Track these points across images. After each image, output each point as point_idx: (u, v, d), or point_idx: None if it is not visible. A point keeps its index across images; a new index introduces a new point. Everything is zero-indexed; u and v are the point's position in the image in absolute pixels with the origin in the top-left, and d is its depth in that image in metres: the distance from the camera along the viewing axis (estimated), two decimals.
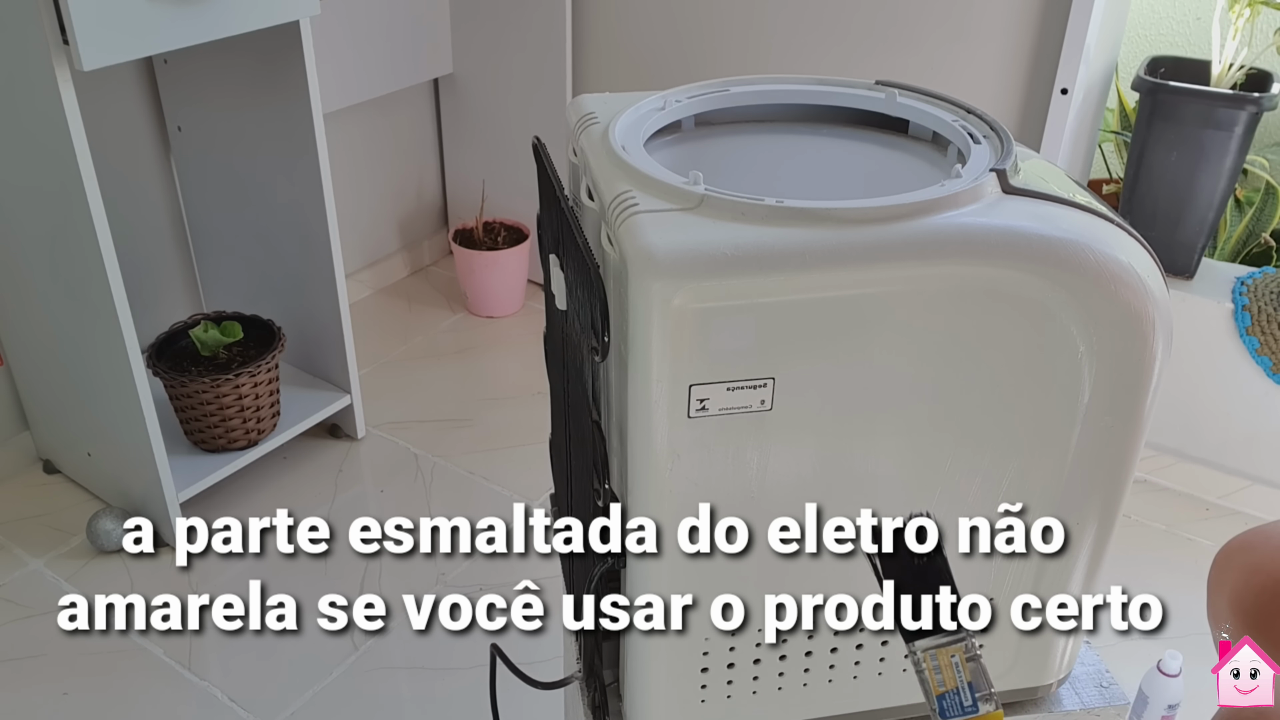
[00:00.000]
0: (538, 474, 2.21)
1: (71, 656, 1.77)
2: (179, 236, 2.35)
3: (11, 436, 2.17)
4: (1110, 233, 0.68)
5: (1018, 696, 0.87)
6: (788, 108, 0.91)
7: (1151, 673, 1.58)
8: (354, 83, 2.58)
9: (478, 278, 2.78)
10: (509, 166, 2.83)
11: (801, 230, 0.65)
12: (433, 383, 2.56)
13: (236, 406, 2.01)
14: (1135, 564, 1.87)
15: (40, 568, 1.95)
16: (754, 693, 0.81)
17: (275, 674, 1.75)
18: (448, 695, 1.72)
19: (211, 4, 1.64)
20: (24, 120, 1.66)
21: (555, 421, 1.03)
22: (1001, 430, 0.71)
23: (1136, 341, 0.68)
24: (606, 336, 0.68)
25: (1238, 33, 2.05)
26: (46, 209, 1.74)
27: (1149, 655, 1.61)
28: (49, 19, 1.49)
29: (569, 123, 0.87)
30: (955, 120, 0.82)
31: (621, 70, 2.61)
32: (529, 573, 1.97)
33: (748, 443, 0.68)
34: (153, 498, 1.94)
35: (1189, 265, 2.14)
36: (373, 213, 2.88)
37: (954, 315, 0.66)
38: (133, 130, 2.19)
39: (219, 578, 1.94)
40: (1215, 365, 2.11)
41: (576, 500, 0.91)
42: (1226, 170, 2.03)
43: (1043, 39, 2.06)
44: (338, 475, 2.22)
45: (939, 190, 0.68)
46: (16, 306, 1.97)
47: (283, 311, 2.22)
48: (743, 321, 0.64)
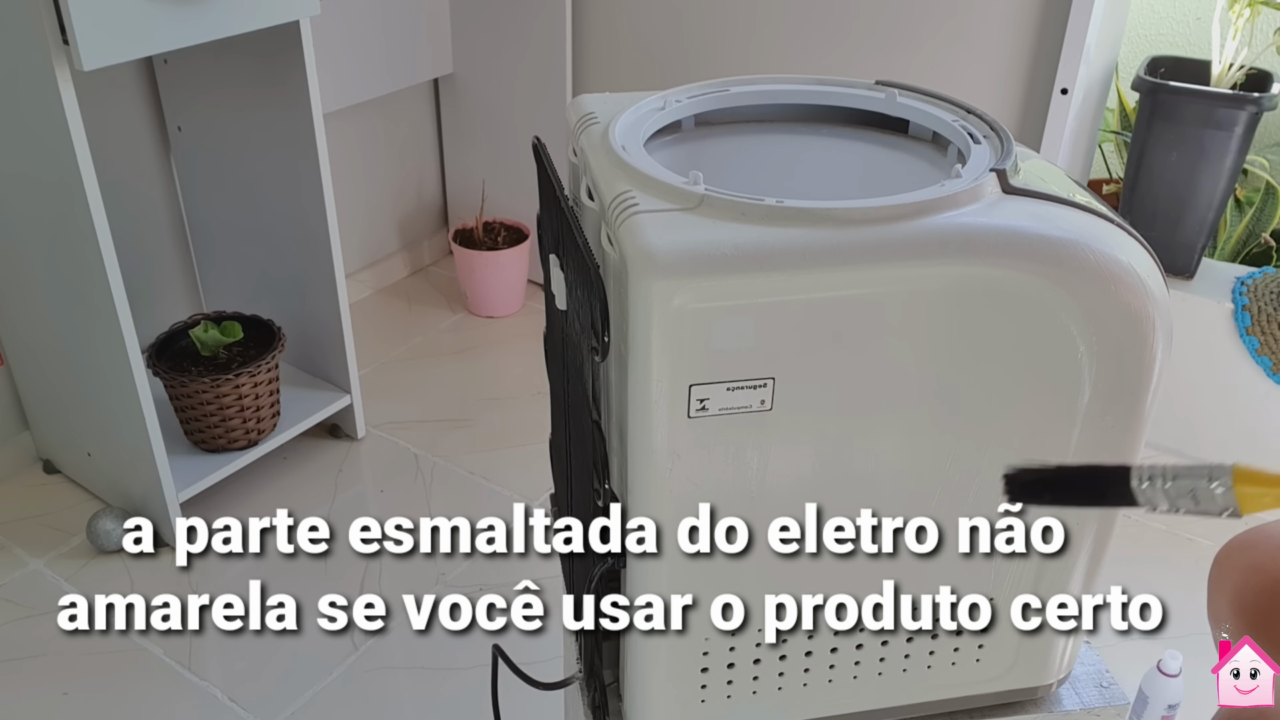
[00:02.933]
0: (538, 474, 2.21)
1: (71, 656, 1.77)
2: (179, 236, 2.35)
3: (11, 436, 2.17)
4: (1110, 233, 0.68)
5: (1018, 696, 0.87)
6: (788, 108, 0.91)
7: (1151, 673, 1.58)
8: (354, 83, 2.58)
9: (478, 278, 2.78)
10: (509, 166, 2.83)
11: (801, 230, 0.65)
12: (433, 383, 2.56)
13: (236, 406, 2.01)
14: (1135, 564, 1.87)
15: (40, 568, 1.95)
16: (754, 693, 0.81)
17: (275, 674, 1.75)
18: (448, 695, 1.72)
19: (211, 4, 1.64)
20: (24, 120, 1.66)
21: (555, 421, 1.03)
22: (1002, 430, 0.71)
23: (1136, 341, 0.68)
24: (606, 336, 0.68)
25: (1238, 33, 2.05)
26: (47, 209, 1.74)
27: (1149, 655, 1.61)
28: (49, 19, 1.49)
29: (569, 123, 0.87)
30: (955, 120, 0.82)
31: (621, 70, 2.61)
32: (529, 573, 1.97)
33: (748, 443, 0.68)
34: (153, 498, 1.94)
35: (1189, 265, 2.14)
36: (373, 213, 2.88)
37: (954, 315, 0.66)
38: (133, 130, 2.19)
39: (219, 578, 1.94)
40: (1215, 365, 2.11)
41: (576, 500, 0.91)
42: (1226, 170, 2.03)
43: (1043, 39, 2.06)
44: (338, 475, 2.22)
45: (939, 190, 0.68)
46: (17, 306, 1.97)
47: (283, 311, 2.22)
48: (743, 321, 0.64)
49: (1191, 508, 0.43)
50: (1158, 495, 0.44)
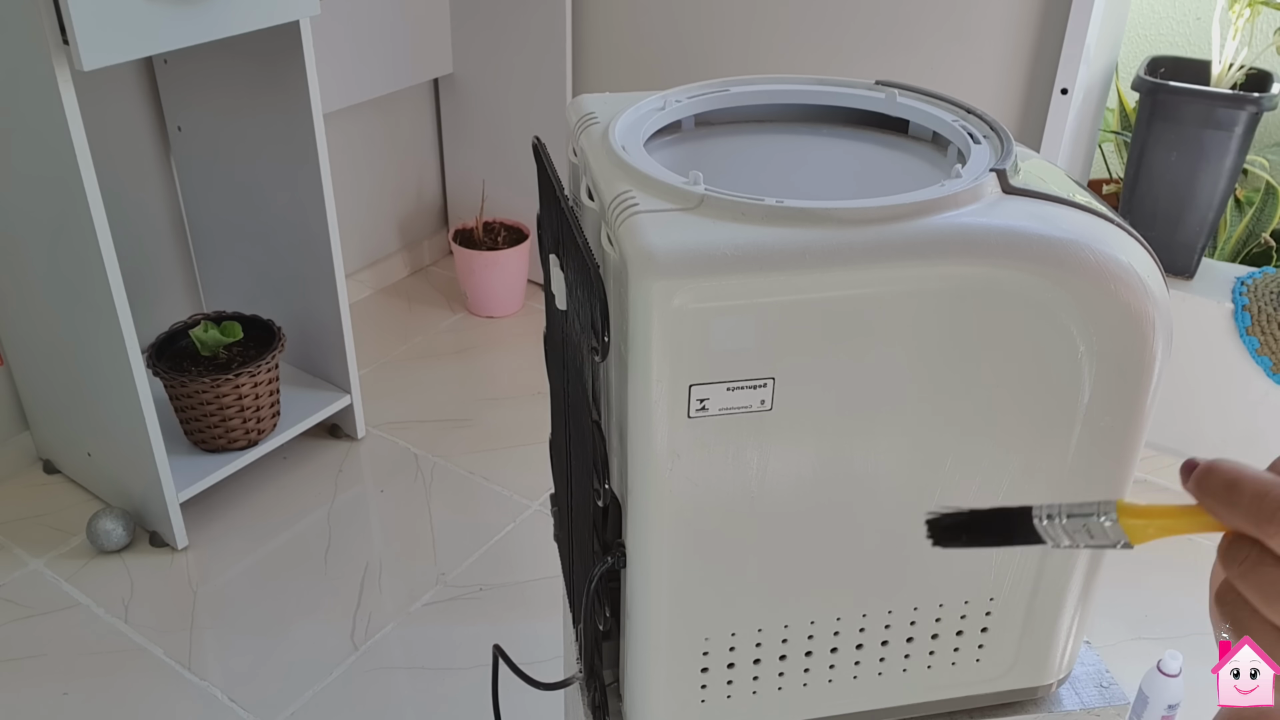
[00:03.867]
0: (538, 474, 2.21)
1: (71, 656, 1.77)
2: (179, 236, 2.35)
3: (11, 436, 2.17)
4: (1110, 233, 0.68)
5: (1018, 696, 0.87)
6: (788, 108, 0.91)
7: (1151, 673, 1.58)
8: (354, 83, 2.58)
9: (478, 278, 2.78)
10: (509, 166, 2.83)
11: (801, 230, 0.65)
12: (433, 383, 2.56)
13: (236, 406, 2.01)
14: (1136, 564, 1.87)
15: (40, 568, 1.95)
16: (754, 693, 0.81)
17: (275, 674, 1.75)
18: (448, 695, 1.72)
19: (211, 4, 1.65)
20: (24, 120, 1.66)
21: (555, 421, 1.03)
22: (1001, 430, 0.71)
23: (1136, 341, 0.68)
24: (606, 336, 0.68)
25: (1238, 33, 2.05)
26: (47, 209, 1.74)
27: (1149, 655, 1.61)
28: (49, 19, 1.49)
29: (569, 123, 0.87)
30: (955, 120, 0.82)
31: (621, 70, 2.61)
32: (529, 572, 1.97)
33: (748, 443, 0.68)
34: (153, 498, 1.94)
35: (1189, 265, 2.14)
36: (373, 213, 2.88)
37: (954, 315, 0.66)
38: (133, 130, 2.19)
39: (219, 577, 1.94)
40: (1215, 365, 2.11)
41: (576, 500, 0.91)
42: (1226, 170, 2.03)
43: (1043, 39, 2.06)
44: (338, 475, 2.22)
45: (939, 190, 0.68)
46: (17, 306, 1.97)
47: (283, 311, 2.22)
48: (743, 321, 0.64)
49: (1089, 542, 0.45)
50: (1058, 532, 0.45)
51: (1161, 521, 0.44)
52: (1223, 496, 0.40)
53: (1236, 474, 0.39)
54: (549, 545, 1.95)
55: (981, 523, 0.48)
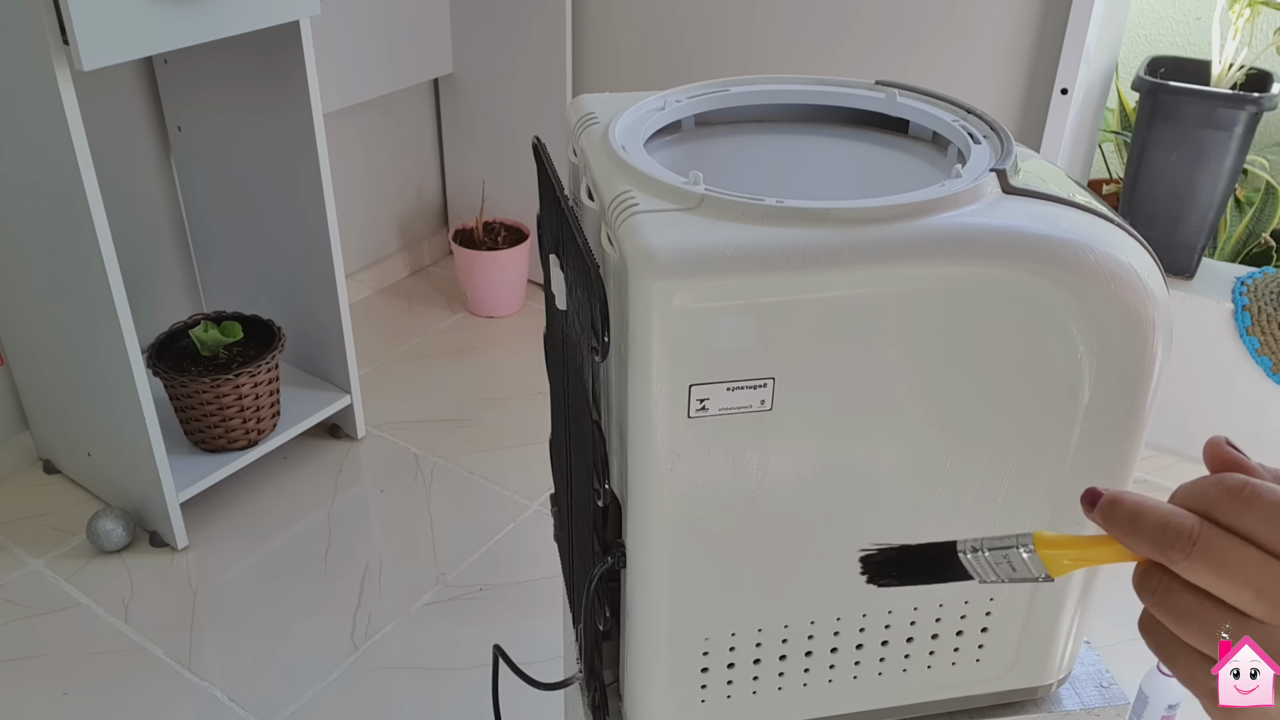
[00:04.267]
0: (538, 474, 2.21)
1: (71, 656, 1.77)
2: (179, 236, 2.35)
3: (11, 436, 2.17)
4: (1110, 233, 0.68)
5: (1017, 696, 0.87)
6: (788, 108, 0.91)
7: (1151, 673, 1.58)
8: (354, 83, 2.58)
9: (478, 278, 2.78)
10: (509, 166, 2.83)
11: (801, 230, 0.65)
12: (433, 383, 2.56)
13: (236, 406, 2.01)
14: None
15: (40, 568, 1.95)
16: (754, 693, 0.81)
17: (275, 674, 1.75)
18: (448, 695, 1.72)
19: (211, 4, 1.65)
20: (24, 120, 1.66)
21: (555, 421, 1.03)
22: (1001, 430, 0.71)
23: (1136, 341, 0.68)
24: (606, 336, 0.68)
25: (1238, 33, 2.05)
26: (47, 209, 1.74)
27: (1149, 655, 1.61)
28: (49, 19, 1.49)
29: (569, 123, 0.87)
30: (955, 120, 0.82)
31: (622, 70, 2.61)
32: (529, 572, 1.97)
33: (748, 443, 0.68)
34: (153, 498, 1.94)
35: (1189, 265, 2.14)
36: (373, 213, 2.88)
37: (954, 315, 0.66)
38: (133, 130, 2.19)
39: (219, 577, 1.94)
40: (1215, 365, 2.11)
41: (576, 500, 0.91)
42: (1226, 170, 2.03)
43: (1043, 39, 2.06)
44: (338, 475, 2.22)
45: (939, 190, 0.68)
46: (17, 306, 1.97)
47: (283, 311, 2.22)
48: (743, 321, 0.64)
49: (1011, 575, 0.45)
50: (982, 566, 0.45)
51: (1077, 552, 0.44)
52: (1128, 527, 0.41)
53: (1138, 505, 0.40)
54: (549, 545, 1.95)
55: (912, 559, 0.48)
